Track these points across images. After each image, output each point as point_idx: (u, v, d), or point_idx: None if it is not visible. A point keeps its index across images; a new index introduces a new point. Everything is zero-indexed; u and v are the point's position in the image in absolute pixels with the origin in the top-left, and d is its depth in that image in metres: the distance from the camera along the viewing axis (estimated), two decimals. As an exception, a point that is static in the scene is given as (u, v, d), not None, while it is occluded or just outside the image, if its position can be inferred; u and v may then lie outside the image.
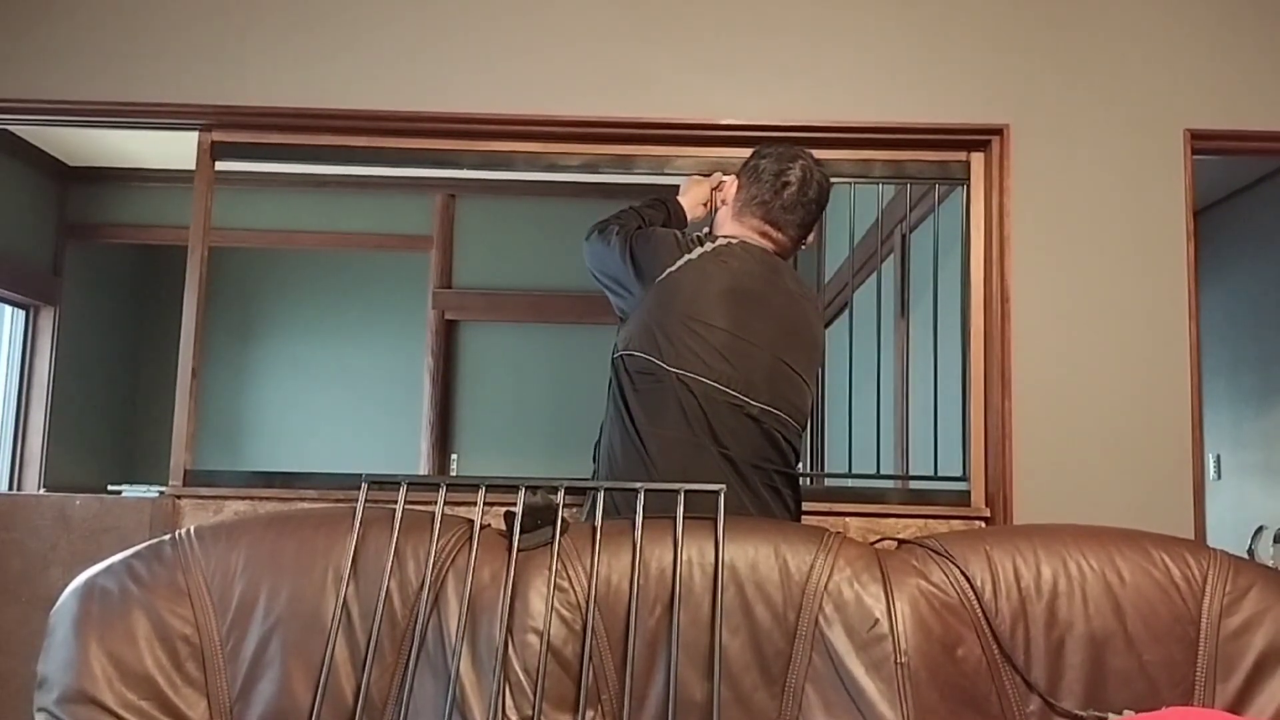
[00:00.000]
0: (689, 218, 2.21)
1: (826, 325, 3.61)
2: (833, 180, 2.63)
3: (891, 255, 3.06)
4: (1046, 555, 1.54)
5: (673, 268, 1.93)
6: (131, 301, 5.38)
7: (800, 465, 1.99)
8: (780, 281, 1.97)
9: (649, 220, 2.13)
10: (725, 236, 2.01)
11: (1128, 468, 2.41)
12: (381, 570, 1.49)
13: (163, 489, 2.57)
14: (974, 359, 2.53)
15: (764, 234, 2.02)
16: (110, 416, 5.16)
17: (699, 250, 1.95)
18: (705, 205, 2.22)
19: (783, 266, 2.01)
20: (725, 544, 1.49)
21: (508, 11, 2.56)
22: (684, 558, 1.49)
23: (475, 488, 1.56)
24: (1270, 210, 4.20)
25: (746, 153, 2.55)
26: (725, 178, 2.22)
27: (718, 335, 1.87)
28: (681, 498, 1.50)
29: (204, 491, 2.47)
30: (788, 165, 2.02)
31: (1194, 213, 2.50)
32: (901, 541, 1.67)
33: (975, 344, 2.53)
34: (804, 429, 1.96)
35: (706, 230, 2.13)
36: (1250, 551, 3.93)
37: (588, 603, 1.46)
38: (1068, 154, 2.50)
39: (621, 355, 1.92)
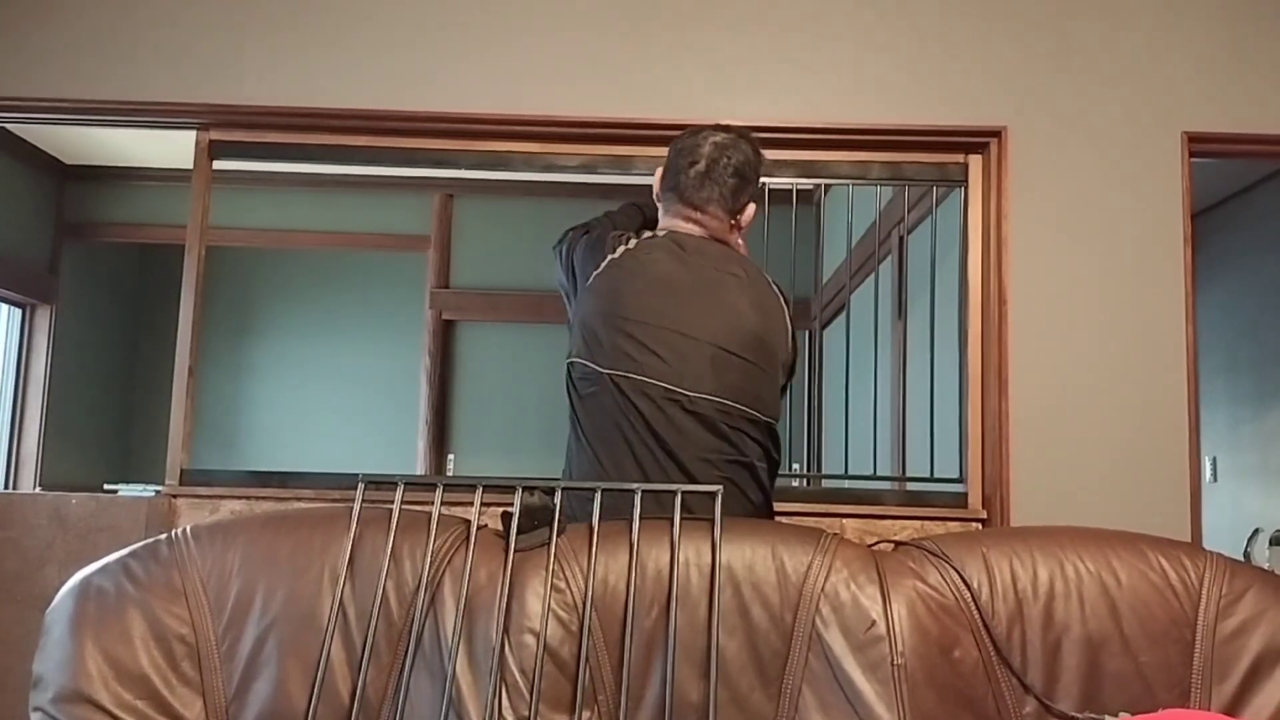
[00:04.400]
0: None
1: (824, 326, 3.61)
2: (830, 182, 2.65)
3: (889, 257, 3.06)
4: (1043, 557, 1.54)
5: (597, 270, 1.90)
6: (128, 300, 5.38)
7: (765, 453, 1.88)
8: (712, 266, 1.89)
9: (619, 225, 2.07)
10: (655, 231, 1.96)
11: (1124, 470, 2.41)
12: (378, 570, 1.49)
13: (159, 488, 2.57)
14: (971, 361, 2.53)
15: (689, 218, 1.94)
16: (106, 415, 5.16)
17: (621, 249, 1.91)
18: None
19: (716, 250, 1.92)
20: (722, 545, 1.49)
21: (506, 11, 2.56)
22: (681, 559, 1.49)
23: (472, 488, 1.56)
24: (1268, 213, 4.21)
25: (745, 154, 2.57)
26: None
27: (647, 330, 1.82)
28: (679, 499, 1.50)
29: (200, 491, 2.47)
30: (695, 143, 1.94)
31: (1191, 215, 2.50)
32: (898, 543, 1.67)
33: (972, 346, 2.53)
34: (762, 415, 1.86)
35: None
36: (1246, 554, 3.94)
37: (584, 603, 1.46)
38: (1065, 156, 2.51)
39: (568, 365, 1.90)
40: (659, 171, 2.02)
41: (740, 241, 2.04)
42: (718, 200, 1.93)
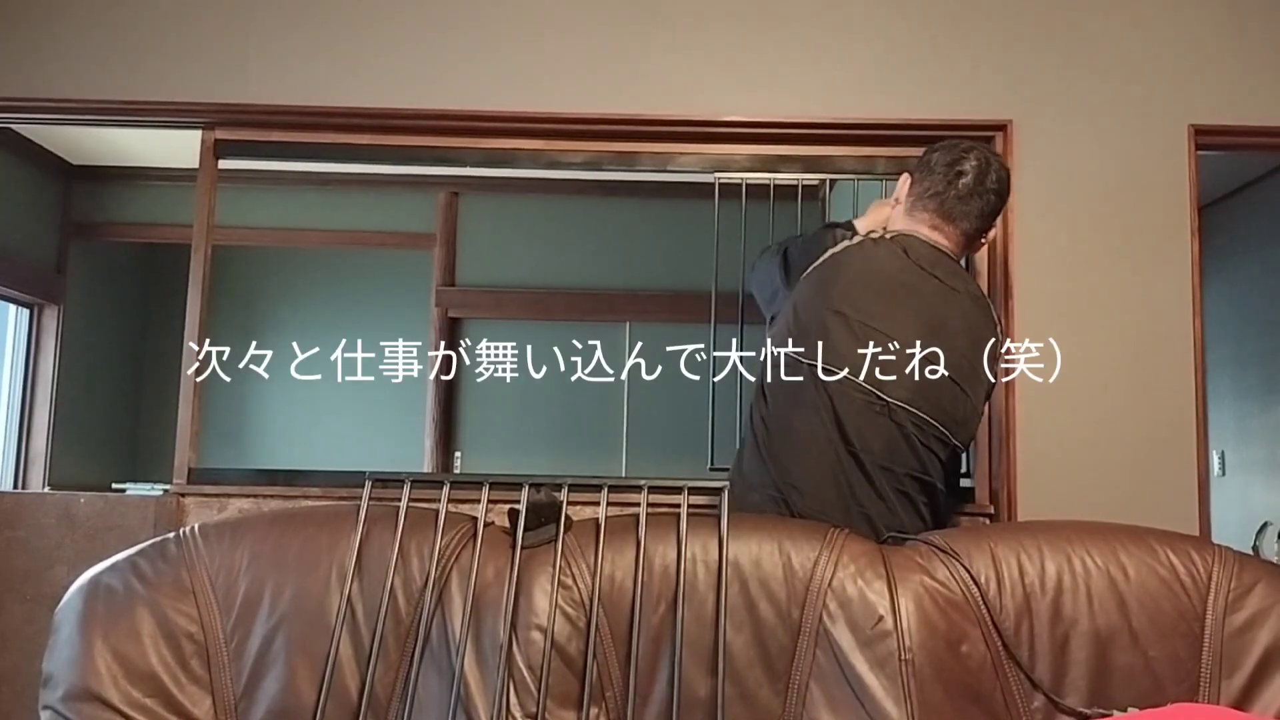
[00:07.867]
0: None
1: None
2: (836, 177, 2.64)
3: (895, 252, 3.05)
4: (1051, 552, 1.54)
5: (816, 263, 1.89)
6: (135, 300, 5.39)
7: (946, 477, 1.86)
8: (938, 279, 1.87)
9: (816, 244, 2.04)
10: (889, 231, 1.94)
11: (1131, 464, 2.40)
12: (385, 568, 1.49)
13: (167, 487, 2.57)
14: (978, 355, 2.52)
15: (936, 228, 1.94)
16: (114, 415, 5.17)
17: (843, 244, 1.90)
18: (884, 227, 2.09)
19: (948, 264, 1.91)
20: (729, 541, 1.49)
21: (511, 8, 2.55)
22: (688, 555, 1.49)
23: (479, 485, 1.56)
24: (1275, 206, 4.19)
25: (750, 150, 2.57)
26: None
27: (853, 325, 1.81)
28: (686, 496, 1.51)
29: (208, 489, 2.47)
30: (962, 155, 1.95)
31: (1198, 208, 2.49)
32: (905, 538, 1.67)
33: (979, 340, 2.52)
34: (953, 438, 1.83)
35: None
36: (1255, 548, 3.93)
37: (591, 600, 1.46)
38: (1072, 150, 2.50)
39: (765, 352, 1.89)
40: (904, 179, 2.02)
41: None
42: (976, 214, 1.94)
